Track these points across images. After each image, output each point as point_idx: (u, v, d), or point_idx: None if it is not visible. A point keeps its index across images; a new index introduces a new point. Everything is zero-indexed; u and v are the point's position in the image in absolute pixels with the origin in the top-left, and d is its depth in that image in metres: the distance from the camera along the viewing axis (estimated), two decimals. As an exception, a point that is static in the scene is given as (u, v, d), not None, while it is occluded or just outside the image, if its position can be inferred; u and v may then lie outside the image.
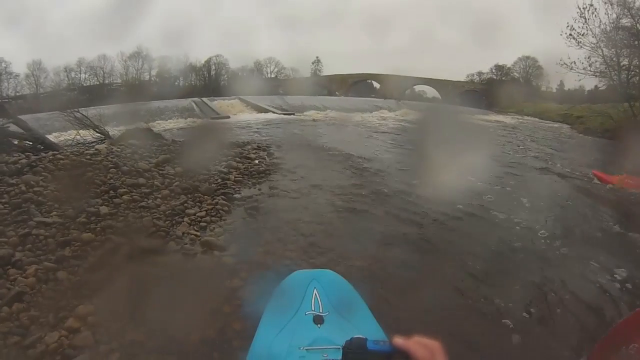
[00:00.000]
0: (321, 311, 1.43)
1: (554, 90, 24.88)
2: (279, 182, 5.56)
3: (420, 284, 3.01)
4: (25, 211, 3.65)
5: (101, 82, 24.66)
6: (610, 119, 14.07)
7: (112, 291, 2.68)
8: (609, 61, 14.71)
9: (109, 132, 8.24)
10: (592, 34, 14.63)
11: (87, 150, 6.03)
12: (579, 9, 14.63)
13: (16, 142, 6.26)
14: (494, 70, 26.55)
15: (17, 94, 22.26)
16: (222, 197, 4.73)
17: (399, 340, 0.77)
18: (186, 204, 4.39)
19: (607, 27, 14.45)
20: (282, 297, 1.51)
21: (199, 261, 3.34)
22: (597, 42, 14.66)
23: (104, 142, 7.25)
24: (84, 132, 7.94)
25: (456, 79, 26.14)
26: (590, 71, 15.00)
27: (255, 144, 8.33)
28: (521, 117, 20.12)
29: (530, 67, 25.96)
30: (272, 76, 28.29)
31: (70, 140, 7.87)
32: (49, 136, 7.63)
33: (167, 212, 4.14)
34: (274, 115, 16.74)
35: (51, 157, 5.14)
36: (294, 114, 17.24)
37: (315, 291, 1.49)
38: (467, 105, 20.78)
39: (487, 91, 24.13)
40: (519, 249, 3.83)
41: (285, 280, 1.58)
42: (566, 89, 23.27)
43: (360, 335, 0.84)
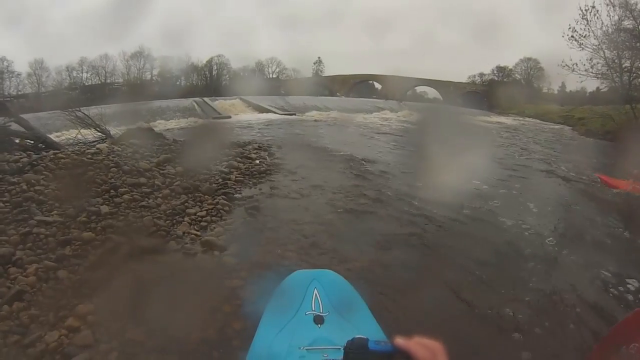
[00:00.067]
0: (321, 311, 1.43)
1: (556, 91, 24.91)
2: (279, 183, 5.56)
3: (420, 285, 3.01)
4: (26, 210, 3.65)
5: (103, 81, 24.74)
6: (611, 121, 14.04)
7: (112, 290, 2.68)
8: (610, 63, 14.71)
9: (110, 131, 8.26)
10: (594, 35, 14.63)
11: (88, 149, 6.03)
12: (581, 11, 14.63)
13: (18, 140, 6.28)
14: (495, 71, 26.58)
15: (19, 93, 22.36)
16: (222, 197, 4.74)
17: (400, 340, 0.77)
18: (187, 204, 4.40)
19: (609, 29, 14.45)
20: (282, 297, 1.51)
21: (199, 261, 3.34)
22: (599, 44, 14.66)
23: (105, 142, 7.26)
24: (85, 131, 7.96)
25: (457, 80, 26.15)
26: (591, 73, 15.00)
27: (256, 144, 8.33)
28: (522, 119, 20.10)
29: (531, 69, 25.98)
30: (274, 76, 28.34)
31: (71, 139, 7.90)
32: (51, 135, 7.64)
33: (167, 212, 4.14)
34: (275, 115, 16.77)
35: (52, 156, 5.14)
36: (295, 115, 17.27)
37: (315, 291, 1.49)
38: (469, 106, 20.78)
39: (489, 92, 24.12)
40: (521, 251, 3.81)
41: (285, 280, 1.58)
42: (568, 90, 23.31)
43: (360, 335, 0.84)
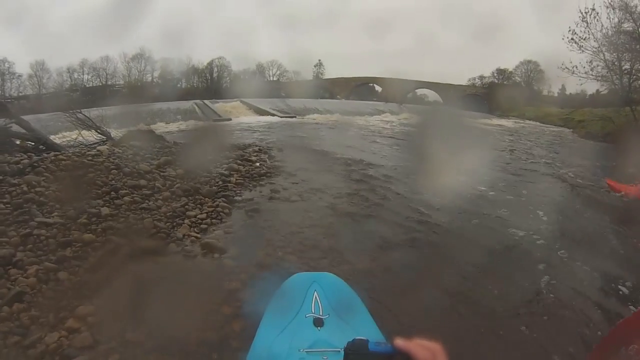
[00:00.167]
0: (321, 314, 1.43)
1: (556, 94, 24.94)
2: (280, 185, 5.56)
3: (420, 288, 3.01)
4: (26, 211, 3.65)
5: (104, 83, 24.78)
6: (611, 123, 14.05)
7: (112, 292, 2.68)
8: (610, 65, 14.75)
9: (111, 133, 8.26)
10: (594, 38, 14.68)
11: (88, 151, 6.04)
12: (581, 13, 14.68)
13: (18, 142, 6.29)
14: (495, 74, 26.55)
15: (20, 94, 22.41)
16: (223, 199, 4.74)
17: (400, 341, 0.77)
18: (187, 206, 4.40)
19: (609, 32, 14.49)
20: (282, 299, 1.51)
21: (199, 263, 3.35)
22: (598, 47, 14.71)
23: (105, 144, 7.26)
24: (85, 133, 7.95)
25: (458, 83, 26.13)
26: (591, 75, 15.04)
27: (256, 146, 8.34)
28: (522, 121, 20.13)
29: (531, 71, 25.98)
30: (274, 79, 28.36)
31: (72, 141, 7.90)
32: (51, 137, 7.65)
33: (167, 214, 4.14)
34: (275, 118, 16.80)
35: (53, 158, 5.16)
36: (295, 117, 17.31)
37: (315, 294, 1.49)
38: (469, 109, 20.77)
39: (489, 95, 24.13)
40: (522, 254, 3.81)
41: (285, 282, 1.59)
42: (568, 93, 23.33)
43: (360, 337, 0.84)
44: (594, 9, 14.46)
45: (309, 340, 1.28)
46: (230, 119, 16.09)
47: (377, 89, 28.52)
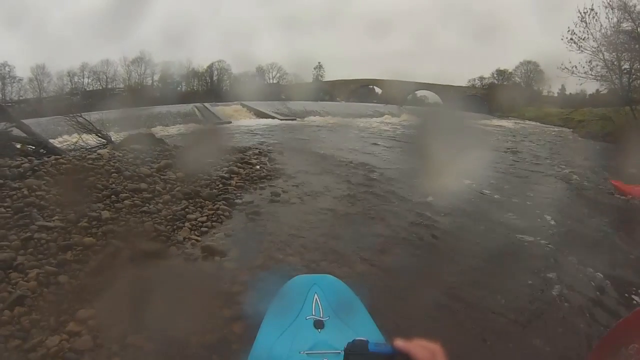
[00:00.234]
0: (322, 316, 1.43)
1: (556, 94, 24.87)
2: (280, 188, 5.57)
3: (421, 289, 3.00)
4: (27, 215, 3.66)
5: (104, 86, 24.77)
6: (611, 123, 14.04)
7: (112, 295, 2.68)
8: (610, 65, 14.73)
9: (111, 136, 8.27)
10: (593, 38, 14.66)
11: (89, 154, 6.07)
12: (580, 14, 14.68)
13: (19, 146, 6.29)
14: (495, 75, 26.53)
15: (21, 98, 22.40)
16: (223, 202, 4.75)
17: (400, 342, 0.77)
18: (187, 209, 4.41)
19: (608, 31, 14.48)
20: (282, 302, 1.51)
21: (199, 266, 3.35)
22: (598, 46, 14.69)
23: (106, 147, 7.28)
24: (86, 137, 7.96)
25: (458, 84, 26.11)
26: (591, 75, 15.01)
27: (256, 149, 8.36)
28: (522, 122, 20.13)
29: (531, 72, 25.91)
30: (274, 82, 28.34)
31: (72, 144, 7.89)
32: (52, 140, 7.66)
33: (168, 217, 4.15)
34: (275, 120, 16.80)
35: (53, 162, 5.17)
36: (295, 120, 17.31)
37: (315, 296, 1.49)
38: (469, 110, 20.77)
39: (489, 96, 24.11)
40: (522, 255, 3.81)
41: (286, 284, 1.59)
42: (567, 93, 23.23)
43: (360, 338, 0.84)
44: (592, 9, 14.49)
45: (309, 342, 1.28)
46: (230, 122, 16.08)
47: (377, 90, 28.51)
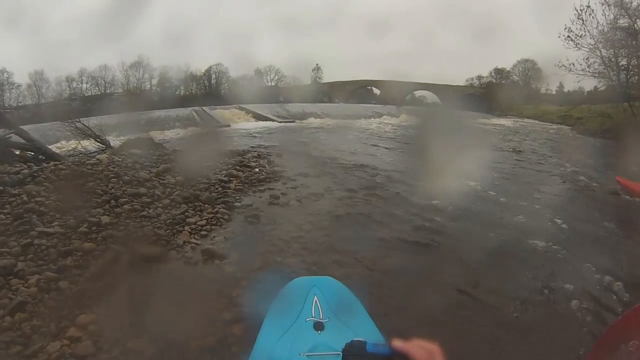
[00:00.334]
0: (321, 317, 1.43)
1: (554, 92, 24.85)
2: (279, 190, 5.56)
3: (421, 290, 3.00)
4: (27, 221, 3.66)
5: (102, 92, 24.74)
6: (610, 119, 14.06)
7: (113, 300, 2.68)
8: (607, 62, 14.72)
9: (110, 141, 8.27)
10: (590, 35, 14.64)
11: (88, 160, 6.05)
12: (577, 11, 14.69)
13: (18, 152, 6.30)
14: (493, 73, 26.49)
15: (19, 104, 22.36)
16: (222, 205, 4.75)
17: (398, 343, 0.77)
18: (187, 213, 4.41)
19: (605, 28, 14.46)
20: (282, 304, 1.51)
21: (199, 269, 3.36)
22: (595, 43, 14.67)
23: (105, 152, 7.27)
24: (85, 142, 7.98)
25: (456, 84, 26.10)
26: (589, 72, 14.98)
27: (255, 152, 8.36)
28: (521, 120, 20.12)
29: (529, 70, 25.89)
30: (273, 84, 28.30)
31: (71, 150, 7.91)
32: (51, 146, 7.67)
33: (167, 221, 4.15)
34: (274, 123, 16.77)
35: (53, 167, 5.17)
36: (294, 122, 17.28)
37: (315, 298, 1.49)
38: (468, 109, 20.78)
39: (487, 95, 24.08)
40: (522, 254, 3.80)
41: (285, 287, 1.59)
42: (566, 90, 23.19)
43: (359, 338, 0.84)
44: (589, 6, 14.49)
45: (309, 344, 1.28)
46: (229, 125, 16.05)
47: (376, 91, 28.47)
